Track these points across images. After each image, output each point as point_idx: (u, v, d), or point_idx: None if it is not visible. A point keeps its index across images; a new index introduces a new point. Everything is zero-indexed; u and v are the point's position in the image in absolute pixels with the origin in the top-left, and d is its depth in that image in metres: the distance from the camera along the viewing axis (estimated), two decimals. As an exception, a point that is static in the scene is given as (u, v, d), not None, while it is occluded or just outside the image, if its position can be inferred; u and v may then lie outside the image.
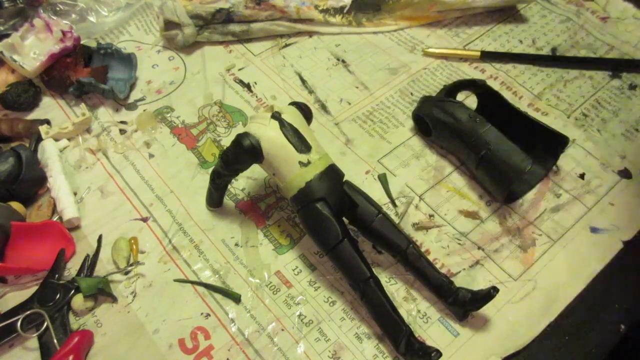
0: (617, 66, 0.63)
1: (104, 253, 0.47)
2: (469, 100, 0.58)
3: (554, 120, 0.58)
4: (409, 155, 0.55)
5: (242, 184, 0.52)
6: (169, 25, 0.63)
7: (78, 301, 0.43)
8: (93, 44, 0.62)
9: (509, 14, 0.70)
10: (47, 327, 0.41)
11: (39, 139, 0.54)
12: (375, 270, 0.42)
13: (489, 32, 0.68)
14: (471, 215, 0.50)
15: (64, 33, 0.58)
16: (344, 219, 0.44)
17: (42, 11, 0.63)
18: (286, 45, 0.66)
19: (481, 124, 0.48)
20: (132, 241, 0.47)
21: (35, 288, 0.44)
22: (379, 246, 0.47)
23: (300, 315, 0.44)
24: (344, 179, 0.44)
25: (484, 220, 0.49)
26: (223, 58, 0.64)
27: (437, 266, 0.45)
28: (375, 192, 0.51)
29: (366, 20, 0.68)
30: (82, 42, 0.61)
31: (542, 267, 0.46)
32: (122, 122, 0.57)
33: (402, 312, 0.42)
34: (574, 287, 0.45)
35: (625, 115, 0.58)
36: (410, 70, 0.63)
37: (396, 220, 0.49)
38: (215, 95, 0.60)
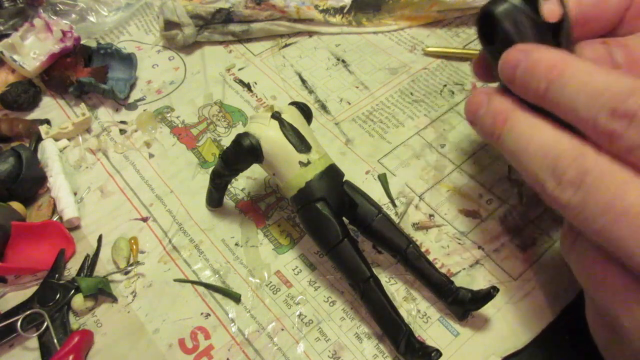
0: (617, 66, 0.63)
1: (104, 253, 0.47)
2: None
3: (554, 120, 0.58)
4: (409, 155, 0.55)
5: (242, 184, 0.52)
6: (169, 25, 0.63)
7: (78, 301, 0.43)
8: (93, 44, 0.62)
9: (509, 14, 0.70)
10: (47, 327, 0.41)
11: (39, 139, 0.54)
12: (375, 270, 0.42)
13: (489, 32, 0.68)
14: (471, 214, 0.50)
15: (64, 33, 0.58)
16: (344, 219, 0.44)
17: (42, 11, 0.63)
18: (286, 45, 0.66)
19: None
20: (132, 241, 0.47)
21: (35, 288, 0.44)
22: (379, 246, 0.47)
23: (300, 315, 0.44)
24: (344, 179, 0.44)
25: (484, 219, 0.49)
26: (223, 58, 0.64)
27: (437, 266, 0.45)
28: (375, 192, 0.51)
29: (366, 20, 0.68)
30: (82, 42, 0.61)
31: (542, 267, 0.46)
32: (122, 122, 0.57)
33: (402, 312, 0.42)
34: (574, 287, 0.45)
35: (625, 115, 0.58)
36: (410, 70, 0.63)
37: (396, 220, 0.49)
38: (215, 95, 0.60)
